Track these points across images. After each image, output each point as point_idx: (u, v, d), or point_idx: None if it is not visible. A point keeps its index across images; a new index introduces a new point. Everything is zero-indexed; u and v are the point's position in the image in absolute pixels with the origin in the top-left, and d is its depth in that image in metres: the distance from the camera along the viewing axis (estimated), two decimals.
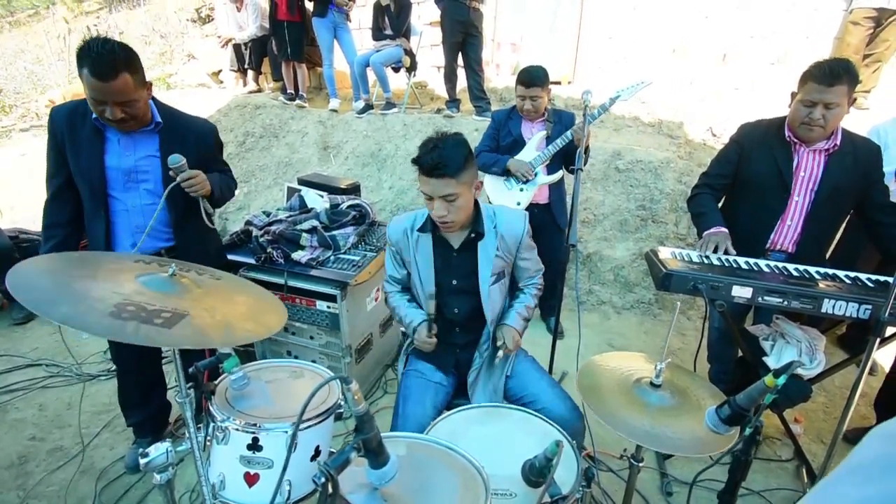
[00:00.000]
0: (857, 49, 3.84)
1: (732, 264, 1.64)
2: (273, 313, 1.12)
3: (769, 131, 1.78)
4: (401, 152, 3.99)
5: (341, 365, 2.23)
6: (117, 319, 0.85)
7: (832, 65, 1.57)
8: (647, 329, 2.97)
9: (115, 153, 1.58)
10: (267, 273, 2.18)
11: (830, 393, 2.38)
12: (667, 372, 1.20)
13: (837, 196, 1.71)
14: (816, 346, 1.61)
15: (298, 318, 2.26)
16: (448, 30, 3.81)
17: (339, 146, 4.27)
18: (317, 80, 5.49)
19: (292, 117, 4.57)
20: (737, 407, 0.87)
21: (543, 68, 2.45)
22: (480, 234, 1.47)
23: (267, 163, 4.38)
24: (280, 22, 4.44)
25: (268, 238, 2.22)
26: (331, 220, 2.33)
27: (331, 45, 4.44)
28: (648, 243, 3.18)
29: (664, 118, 3.84)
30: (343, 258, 2.21)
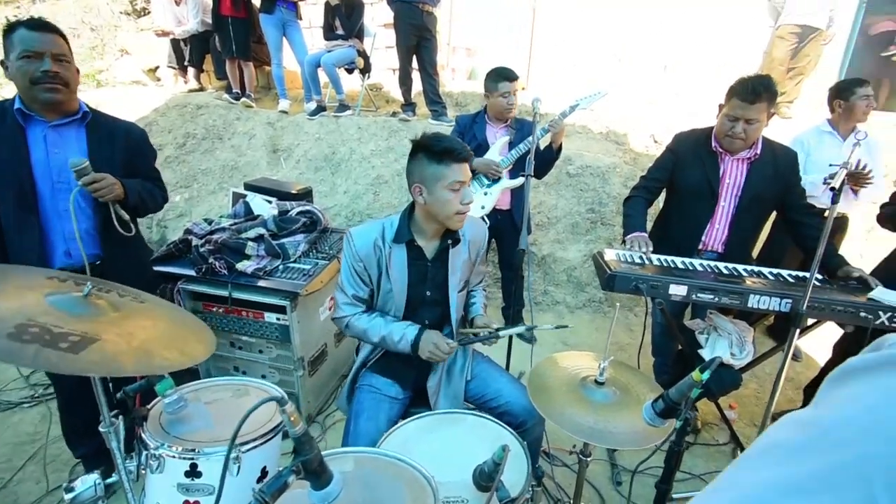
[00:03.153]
0: (782, 62, 4.19)
1: (670, 264, 1.74)
2: (199, 342, 1.05)
3: (699, 141, 1.92)
4: (355, 156, 3.92)
5: (293, 378, 2.16)
6: (16, 342, 0.76)
7: (754, 83, 1.71)
8: (597, 326, 3.09)
9: (41, 150, 1.47)
10: (209, 285, 2.07)
11: (761, 380, 2.58)
12: (610, 369, 1.25)
13: (759, 200, 1.86)
14: (745, 338, 1.73)
15: (245, 331, 2.16)
16: (402, 33, 3.79)
17: (289, 149, 4.13)
18: (265, 80, 5.29)
19: (238, 118, 4.38)
20: (669, 401, 0.92)
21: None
22: (457, 241, 1.46)
23: (210, 166, 4.17)
24: (224, 17, 4.24)
25: (209, 248, 2.11)
26: (279, 227, 2.25)
27: (279, 43, 4.29)
28: (598, 245, 3.31)
29: (611, 126, 4.01)
30: (293, 267, 2.14)
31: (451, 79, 5.23)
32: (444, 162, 1.30)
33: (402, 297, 1.46)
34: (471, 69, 5.38)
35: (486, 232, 1.58)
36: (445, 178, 1.30)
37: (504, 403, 1.46)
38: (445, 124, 3.95)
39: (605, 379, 1.17)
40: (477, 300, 1.64)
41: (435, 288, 1.49)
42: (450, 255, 1.46)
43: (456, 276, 1.48)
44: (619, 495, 1.84)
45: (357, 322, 1.47)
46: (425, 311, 1.50)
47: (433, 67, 3.91)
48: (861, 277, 1.64)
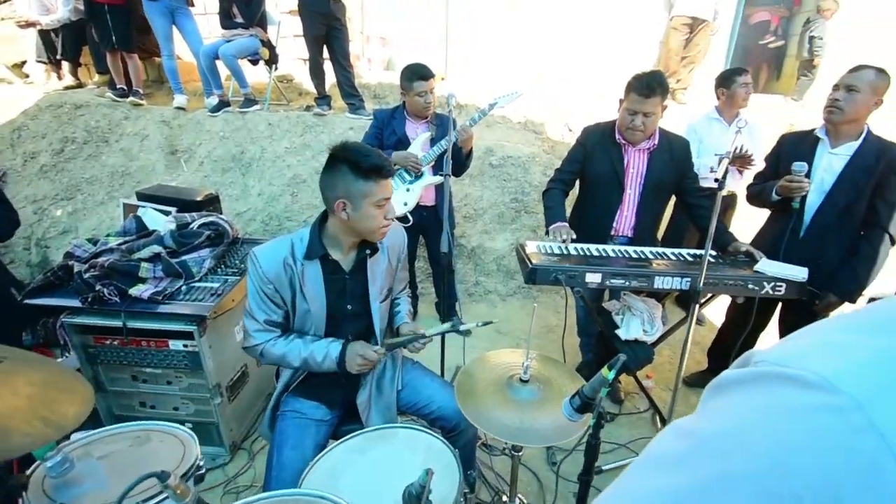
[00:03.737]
0: (676, 52, 4.54)
1: (586, 252, 1.82)
2: (72, 403, 0.89)
3: (604, 134, 2.03)
4: (268, 154, 3.65)
5: (211, 407, 1.97)
6: None
7: (648, 79, 1.82)
8: (528, 312, 3.19)
9: None
10: (99, 316, 1.82)
11: (673, 346, 2.81)
12: (535, 364, 1.27)
13: (660, 187, 2.01)
14: (655, 315, 1.86)
15: (148, 363, 1.93)
16: (308, 22, 3.54)
17: (190, 150, 3.75)
18: (156, 73, 4.72)
19: (126, 117, 3.88)
20: (584, 397, 0.94)
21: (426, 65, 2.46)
22: (375, 249, 1.39)
23: (96, 174, 3.67)
24: (99, 5, 3.69)
25: (95, 273, 1.84)
26: (179, 243, 2.02)
27: (169, 33, 3.83)
28: (523, 233, 3.40)
29: (529, 116, 4.11)
30: (198, 287, 1.94)
31: (367, 69, 5.04)
32: (371, 178, 1.23)
33: (322, 315, 1.37)
34: (388, 59, 5.23)
35: (404, 236, 1.53)
36: (373, 195, 1.25)
37: (436, 409, 1.44)
38: (364, 118, 3.79)
39: (528, 377, 1.18)
40: (401, 308, 1.59)
41: (356, 300, 1.41)
42: (368, 265, 1.40)
43: (377, 286, 1.42)
44: (556, 475, 1.91)
45: (273, 348, 1.36)
46: (348, 325, 1.42)
47: (346, 59, 3.72)
48: (748, 251, 1.83)
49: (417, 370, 1.58)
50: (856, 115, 1.75)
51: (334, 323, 1.40)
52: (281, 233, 3.47)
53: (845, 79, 1.76)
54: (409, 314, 1.59)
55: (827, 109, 1.79)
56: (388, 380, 1.50)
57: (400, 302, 1.61)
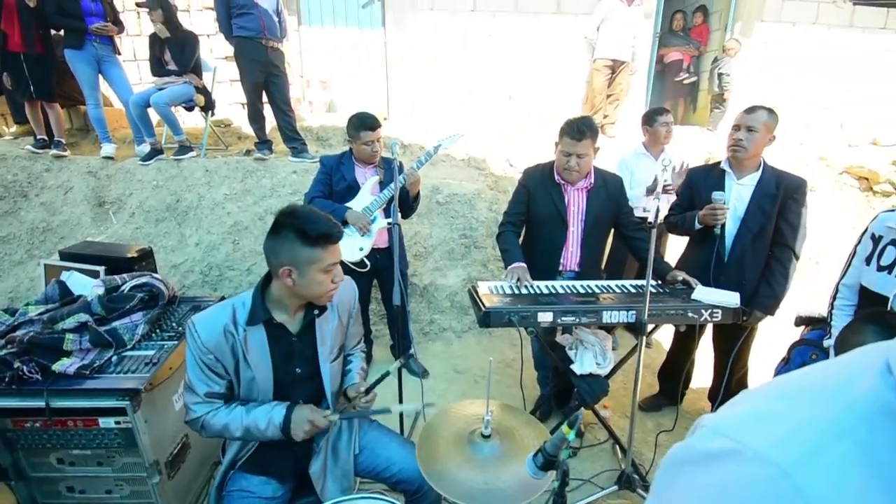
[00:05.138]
0: (600, 90, 4.94)
1: (536, 290, 1.88)
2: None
3: (544, 175, 2.15)
4: (206, 202, 3.50)
5: (149, 487, 1.78)
6: None
7: (579, 124, 1.97)
8: (485, 347, 3.21)
9: None
10: (18, 397, 1.61)
11: (626, 372, 2.91)
12: (496, 414, 1.27)
13: (599, 222, 2.14)
14: (606, 347, 1.94)
15: (76, 444, 1.73)
16: (246, 69, 3.52)
17: (120, 201, 3.52)
18: (81, 121, 4.44)
19: (48, 169, 3.60)
20: (547, 454, 0.95)
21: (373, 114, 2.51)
22: (323, 309, 1.35)
23: (14, 231, 3.35)
24: (14, 55, 3.45)
25: (12, 350, 1.65)
26: (108, 309, 1.86)
27: (95, 82, 3.64)
28: (474, 268, 3.46)
29: (470, 153, 4.26)
30: (131, 356, 1.78)
31: (308, 112, 5.04)
32: (319, 245, 1.21)
33: (269, 382, 1.30)
34: (329, 101, 5.26)
35: (354, 291, 1.50)
36: (321, 261, 1.22)
37: (397, 472, 1.38)
38: (307, 161, 3.76)
39: (490, 431, 1.18)
40: (353, 367, 1.53)
41: (305, 363, 1.36)
42: (317, 326, 1.36)
43: (326, 347, 1.38)
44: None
45: (214, 421, 1.27)
46: (297, 390, 1.35)
47: (286, 103, 3.70)
48: (684, 280, 1.97)
49: (375, 431, 1.52)
50: (756, 151, 1.98)
51: (283, 389, 1.33)
52: (221, 283, 3.30)
53: (744, 119, 1.98)
54: (360, 373, 1.53)
55: (731, 148, 2.01)
56: (345, 444, 1.43)
57: (352, 359, 1.55)
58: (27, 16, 3.42)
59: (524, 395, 2.11)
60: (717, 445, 0.33)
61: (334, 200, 2.48)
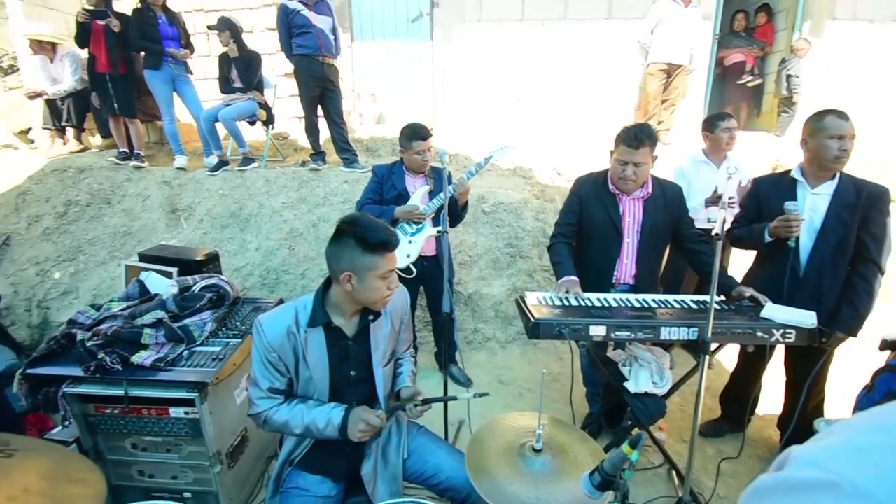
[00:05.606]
0: (655, 95, 4.77)
1: (587, 303, 1.82)
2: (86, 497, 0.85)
3: (598, 184, 2.09)
4: (265, 210, 3.71)
5: (210, 475, 1.90)
6: None
7: (636, 131, 1.90)
8: (529, 359, 3.15)
9: None
10: (100, 385, 1.78)
11: (683, 392, 2.75)
12: (547, 428, 1.25)
13: (656, 234, 2.05)
14: (663, 366, 1.85)
15: (148, 431, 1.87)
16: (304, 85, 3.72)
17: (190, 208, 3.81)
18: (157, 134, 4.87)
19: (128, 179, 3.96)
20: (605, 473, 0.92)
21: (425, 125, 2.56)
22: (377, 315, 1.40)
23: (98, 235, 3.70)
24: (101, 75, 3.86)
25: (98, 341, 1.82)
26: (181, 307, 2.01)
27: (170, 99, 4.00)
28: (520, 278, 3.42)
29: (517, 162, 4.24)
30: (200, 351, 1.91)
31: (359, 124, 5.22)
32: (377, 253, 1.26)
33: (325, 383, 1.36)
34: (378, 114, 5.43)
35: (407, 298, 1.54)
36: (379, 268, 1.27)
37: (445, 479, 1.39)
38: (357, 171, 3.91)
39: (541, 446, 1.16)
40: (404, 370, 1.57)
41: (359, 366, 1.40)
42: (371, 331, 1.40)
43: (379, 352, 1.42)
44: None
45: (276, 416, 1.34)
46: (351, 392, 1.40)
47: (339, 116, 3.88)
48: (752, 296, 1.84)
49: (423, 436, 1.54)
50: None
51: (337, 390, 1.38)
52: (278, 286, 3.47)
53: (846, 128, 1.78)
54: (411, 376, 1.57)
55: (838, 160, 1.81)
56: (394, 448, 1.46)
57: (403, 363, 1.59)
58: (112, 40, 3.81)
59: (574, 412, 2.04)
60: (813, 476, 0.32)
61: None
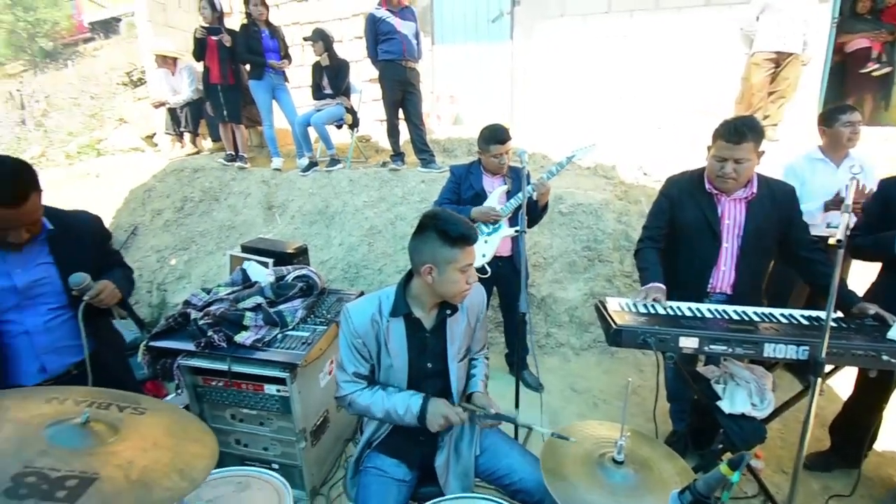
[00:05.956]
0: (760, 87, 4.30)
1: (677, 312, 1.69)
2: (201, 457, 0.97)
3: (692, 183, 1.92)
4: (348, 208, 3.94)
5: (296, 450, 2.06)
6: (13, 499, 0.71)
7: (738, 124, 1.72)
8: (606, 368, 3.00)
9: (3, 273, 1.37)
10: (208, 359, 2.01)
11: (784, 418, 2.44)
12: (629, 441, 1.18)
13: (762, 239, 1.83)
14: (765, 386, 1.66)
15: (246, 404, 2.08)
16: (387, 89, 3.91)
17: (284, 205, 4.16)
18: (258, 139, 5.41)
19: (233, 178, 4.44)
20: (697, 494, 0.85)
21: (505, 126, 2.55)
22: (455, 309, 1.43)
23: (208, 227, 4.19)
24: (213, 85, 4.38)
25: (208, 321, 2.06)
26: (276, 294, 2.21)
27: (269, 106, 4.42)
28: (598, 282, 3.27)
29: (598, 160, 4.06)
30: (291, 335, 2.08)
31: (437, 125, 5.34)
32: (457, 245, 1.29)
33: (404, 372, 1.41)
34: (455, 115, 5.52)
35: (484, 296, 1.55)
36: (458, 261, 1.30)
37: (518, 481, 1.38)
38: (434, 171, 4.01)
39: (623, 458, 1.10)
40: (477, 371, 1.57)
41: (435, 359, 1.44)
42: (448, 325, 1.43)
43: (455, 346, 1.44)
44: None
45: (359, 399, 1.42)
46: (427, 384, 1.44)
47: (419, 118, 4.02)
48: (878, 314, 1.60)
49: (496, 436, 1.54)
50: None
51: (415, 380, 1.43)
52: (358, 280, 3.66)
53: None
54: (483, 381, 1.56)
55: None
56: (467, 443, 1.48)
57: (477, 364, 1.59)
58: (224, 53, 4.30)
59: (657, 429, 1.90)
60: None
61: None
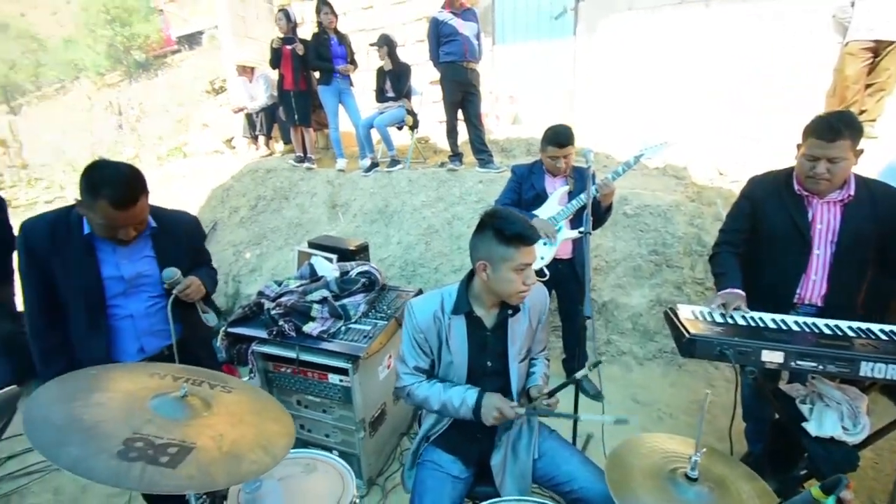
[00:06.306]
0: (856, 79, 3.86)
1: (759, 323, 1.57)
2: (281, 435, 1.05)
3: (778, 184, 1.76)
4: (407, 207, 4.04)
5: (355, 439, 2.15)
6: (124, 461, 0.81)
7: (832, 121, 1.57)
8: (672, 381, 2.84)
9: (112, 264, 1.53)
10: (279, 347, 2.16)
11: (878, 447, 2.19)
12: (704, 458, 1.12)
13: (860, 247, 1.65)
14: (859, 409, 1.50)
15: (311, 391, 2.21)
16: (447, 90, 3.96)
17: (347, 204, 4.35)
18: (325, 141, 5.70)
19: (302, 179, 4.71)
20: None
21: (569, 126, 2.48)
22: (517, 310, 1.43)
23: (278, 224, 4.47)
24: (287, 91, 4.67)
25: (279, 311, 2.21)
26: (341, 288, 2.32)
27: (336, 109, 4.63)
28: (665, 289, 3.10)
29: (669, 160, 3.85)
30: (354, 328, 2.18)
31: (495, 125, 5.33)
32: (513, 244, 1.29)
33: (464, 369, 1.43)
34: (514, 114, 5.47)
35: (546, 297, 1.53)
36: (513, 260, 1.29)
37: (578, 489, 1.34)
38: (493, 171, 4.00)
39: (697, 474, 1.04)
40: (537, 370, 1.56)
41: (495, 358, 1.44)
42: (509, 325, 1.43)
43: (516, 346, 1.44)
44: None
45: (417, 391, 1.46)
46: (486, 382, 1.44)
47: (478, 119, 4.03)
48: None
49: (555, 440, 1.51)
50: None
51: (474, 377, 1.44)
52: (414, 278, 3.74)
53: None
54: (543, 377, 1.55)
55: None
56: (524, 446, 1.46)
57: (537, 363, 1.58)
58: (297, 61, 4.57)
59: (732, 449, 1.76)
60: None
61: (522, 209, 2.55)
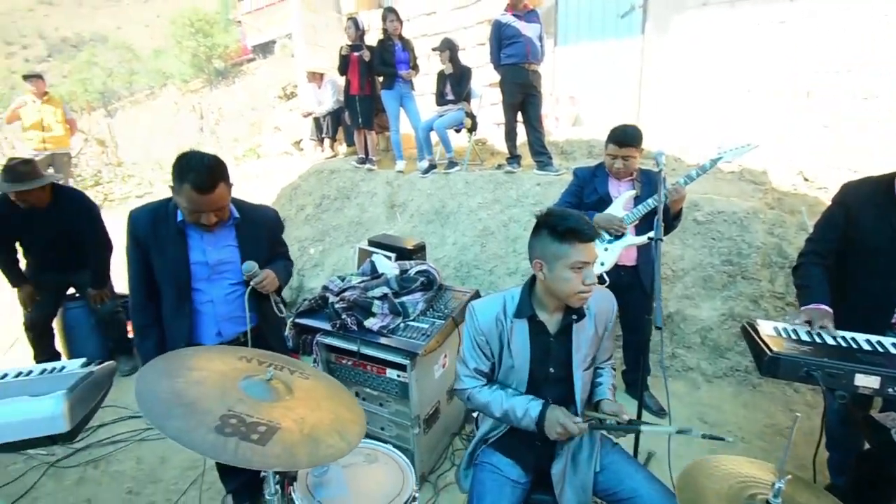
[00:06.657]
0: None
1: (852, 344, 1.43)
2: (354, 422, 1.10)
3: (877, 191, 1.60)
4: (463, 209, 4.07)
5: (409, 435, 2.20)
6: (220, 435, 0.88)
7: None
8: (745, 402, 2.63)
9: (200, 249, 1.69)
10: (341, 339, 2.25)
11: None
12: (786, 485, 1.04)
13: None
14: None
15: (369, 384, 2.28)
16: (507, 92, 3.94)
17: (404, 205, 4.46)
18: (385, 143, 5.89)
19: (363, 179, 4.89)
20: None
21: (637, 127, 2.38)
22: (582, 315, 1.39)
23: (340, 222, 4.68)
24: (353, 96, 4.87)
25: (342, 305, 2.31)
26: (400, 286, 2.39)
27: (397, 113, 4.76)
28: (739, 302, 2.88)
29: (745, 164, 3.59)
30: (412, 325, 2.23)
31: (555, 127, 5.23)
32: (567, 241, 1.26)
33: (525, 374, 1.41)
34: (575, 116, 5.33)
35: (614, 304, 1.48)
36: (568, 257, 1.27)
37: None
38: (552, 174, 3.93)
39: (780, 502, 0.97)
40: (604, 380, 1.51)
41: (558, 365, 1.41)
42: (574, 331, 1.39)
43: (581, 354, 1.40)
44: None
45: (479, 395, 1.44)
46: (548, 389, 1.42)
47: (538, 121, 3.98)
48: None
49: (618, 454, 1.46)
50: None
51: (535, 384, 1.42)
52: (469, 279, 3.76)
53: None
54: (611, 389, 1.49)
55: None
56: (585, 458, 1.42)
57: (603, 373, 1.53)
58: (363, 67, 4.76)
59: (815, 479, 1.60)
60: None
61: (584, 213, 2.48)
